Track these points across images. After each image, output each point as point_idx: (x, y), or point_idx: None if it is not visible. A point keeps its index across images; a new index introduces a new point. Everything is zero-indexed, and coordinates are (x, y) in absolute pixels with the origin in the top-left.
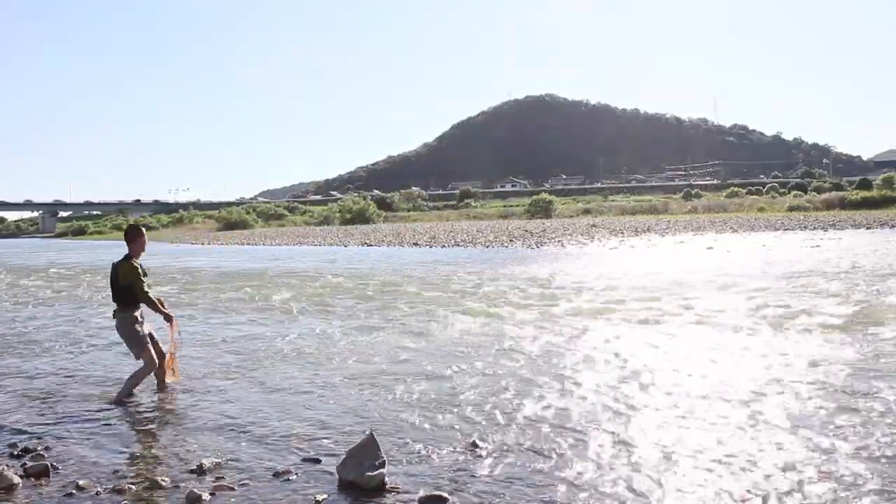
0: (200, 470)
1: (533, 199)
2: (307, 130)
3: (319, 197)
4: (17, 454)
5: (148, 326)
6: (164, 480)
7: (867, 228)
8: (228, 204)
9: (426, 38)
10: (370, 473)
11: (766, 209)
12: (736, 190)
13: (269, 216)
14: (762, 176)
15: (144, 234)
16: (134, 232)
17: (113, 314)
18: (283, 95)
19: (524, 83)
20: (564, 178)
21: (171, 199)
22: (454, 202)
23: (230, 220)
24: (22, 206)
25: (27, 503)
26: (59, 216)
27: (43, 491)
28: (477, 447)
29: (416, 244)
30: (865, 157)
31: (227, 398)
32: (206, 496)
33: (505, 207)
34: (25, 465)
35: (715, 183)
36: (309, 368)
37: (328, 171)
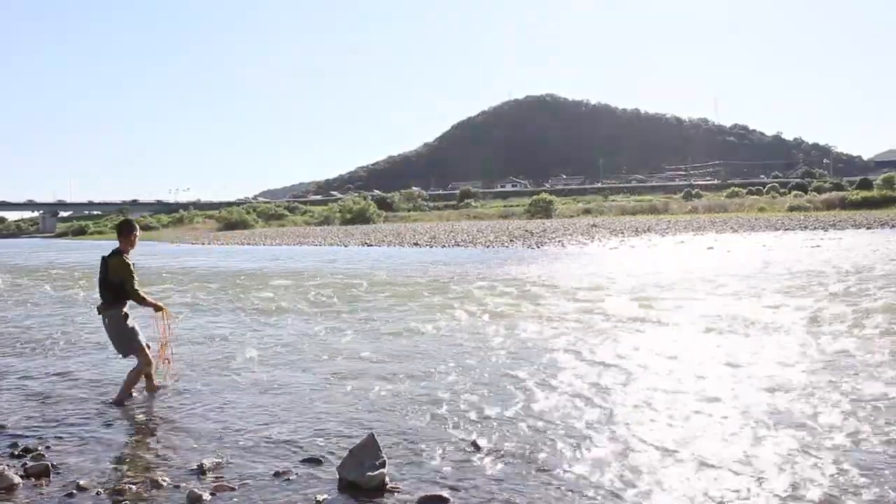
0: (201, 470)
1: (533, 199)
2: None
3: (320, 197)
4: (17, 454)
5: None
6: (164, 480)
7: (868, 228)
8: (229, 204)
9: (426, 38)
10: (370, 473)
11: (766, 209)
12: (736, 190)
13: (269, 216)
14: (762, 176)
15: (137, 229)
16: (126, 227)
17: (98, 310)
18: (283, 95)
19: (524, 83)
20: (565, 178)
21: (171, 199)
22: (454, 202)
23: (230, 220)
24: (24, 205)
25: (28, 503)
26: (59, 216)
27: (43, 491)
28: (477, 447)
29: (416, 244)
30: (866, 157)
31: (226, 398)
32: (206, 496)
33: (505, 207)
34: (26, 465)
35: (715, 183)
36: (307, 368)
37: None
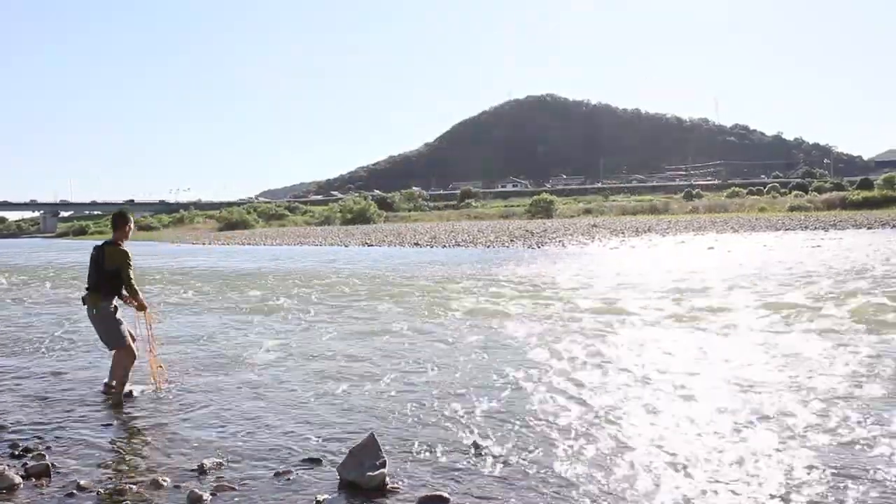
0: (201, 470)
1: (534, 199)
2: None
3: (320, 197)
4: (18, 454)
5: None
6: (164, 480)
7: (868, 228)
8: (229, 204)
9: (426, 38)
10: (371, 473)
11: (766, 209)
12: (737, 190)
13: (269, 216)
14: (763, 176)
15: (131, 221)
16: (121, 218)
17: (86, 301)
18: (283, 95)
19: (525, 83)
20: (565, 178)
21: (171, 198)
22: (455, 202)
23: (231, 220)
24: (27, 205)
25: (28, 503)
26: (60, 216)
27: (44, 491)
28: (478, 447)
29: (416, 244)
30: (866, 157)
31: (225, 398)
32: (206, 496)
33: (506, 207)
34: (26, 465)
35: (716, 183)
36: (305, 368)
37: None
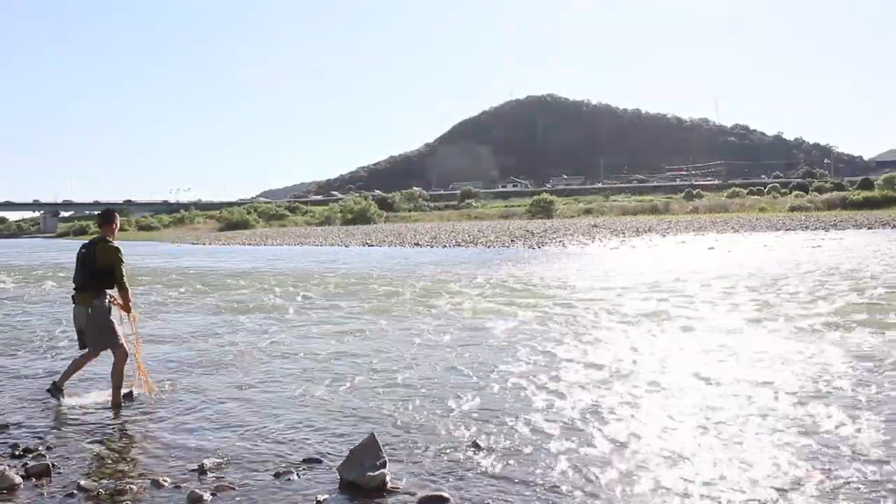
0: (202, 470)
1: (534, 199)
2: (308, 130)
3: (320, 197)
4: (18, 454)
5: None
6: (165, 480)
7: (869, 229)
8: (229, 204)
9: (426, 38)
10: (371, 473)
11: (767, 209)
12: (737, 190)
13: (270, 216)
14: (763, 176)
15: (118, 219)
16: (108, 216)
17: (78, 300)
18: (283, 95)
19: (525, 83)
20: (565, 178)
21: (172, 198)
22: (455, 202)
23: (231, 220)
24: (30, 205)
25: (29, 503)
26: (60, 216)
27: (44, 491)
28: (478, 447)
29: (417, 244)
30: (867, 157)
31: (225, 398)
32: (207, 496)
33: (506, 208)
34: (27, 465)
35: (716, 183)
36: (304, 368)
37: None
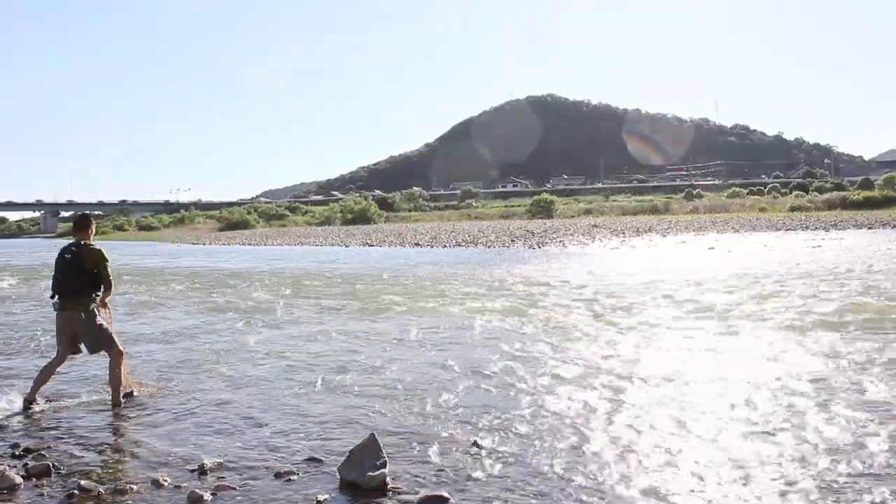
0: (202, 470)
1: (534, 199)
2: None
3: (321, 197)
4: (18, 454)
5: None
6: (165, 480)
7: (869, 229)
8: (230, 204)
9: (426, 38)
10: (371, 473)
11: (767, 209)
12: (737, 190)
13: (270, 216)
14: (763, 176)
15: (93, 224)
16: (84, 221)
17: (67, 306)
18: (283, 95)
19: (525, 83)
20: (566, 178)
21: (172, 198)
22: (455, 202)
23: (231, 220)
24: (32, 205)
25: (29, 503)
26: (60, 216)
27: (44, 491)
28: (479, 446)
29: (417, 244)
30: (867, 157)
31: (224, 398)
32: (207, 496)
33: (506, 208)
34: (27, 465)
35: (716, 183)
36: (303, 368)
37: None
